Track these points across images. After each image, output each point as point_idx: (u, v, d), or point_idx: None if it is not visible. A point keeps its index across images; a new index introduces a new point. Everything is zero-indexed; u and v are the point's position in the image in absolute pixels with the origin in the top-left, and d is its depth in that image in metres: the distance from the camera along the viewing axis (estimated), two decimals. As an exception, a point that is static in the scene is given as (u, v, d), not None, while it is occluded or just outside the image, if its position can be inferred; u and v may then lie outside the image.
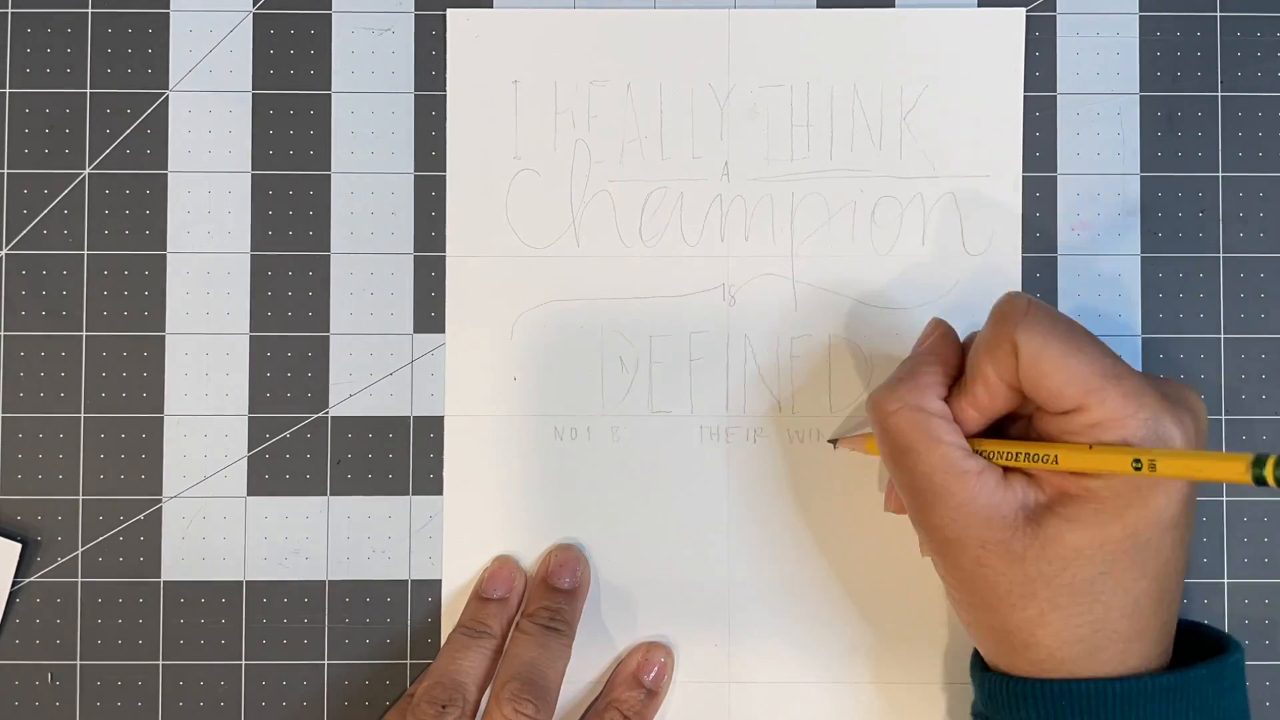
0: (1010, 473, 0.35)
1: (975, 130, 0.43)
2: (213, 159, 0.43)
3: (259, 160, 0.43)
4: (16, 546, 0.41)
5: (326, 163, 0.43)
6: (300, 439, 0.42)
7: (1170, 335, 0.43)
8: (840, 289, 0.42)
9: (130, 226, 0.43)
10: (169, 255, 0.43)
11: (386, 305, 0.43)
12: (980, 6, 0.43)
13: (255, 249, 0.43)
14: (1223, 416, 0.42)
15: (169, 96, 0.43)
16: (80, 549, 0.42)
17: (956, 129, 0.43)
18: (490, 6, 0.43)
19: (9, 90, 0.43)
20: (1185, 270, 0.43)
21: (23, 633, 0.42)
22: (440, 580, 0.42)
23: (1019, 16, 0.43)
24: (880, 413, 0.36)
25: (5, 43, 0.43)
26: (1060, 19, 0.43)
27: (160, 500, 0.42)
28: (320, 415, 0.42)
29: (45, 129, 0.43)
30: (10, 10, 0.43)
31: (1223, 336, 0.42)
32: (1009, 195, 0.43)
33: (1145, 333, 0.43)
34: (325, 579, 0.42)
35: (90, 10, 0.43)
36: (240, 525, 0.42)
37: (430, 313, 0.43)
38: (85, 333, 0.42)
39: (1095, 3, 0.43)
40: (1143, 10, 0.43)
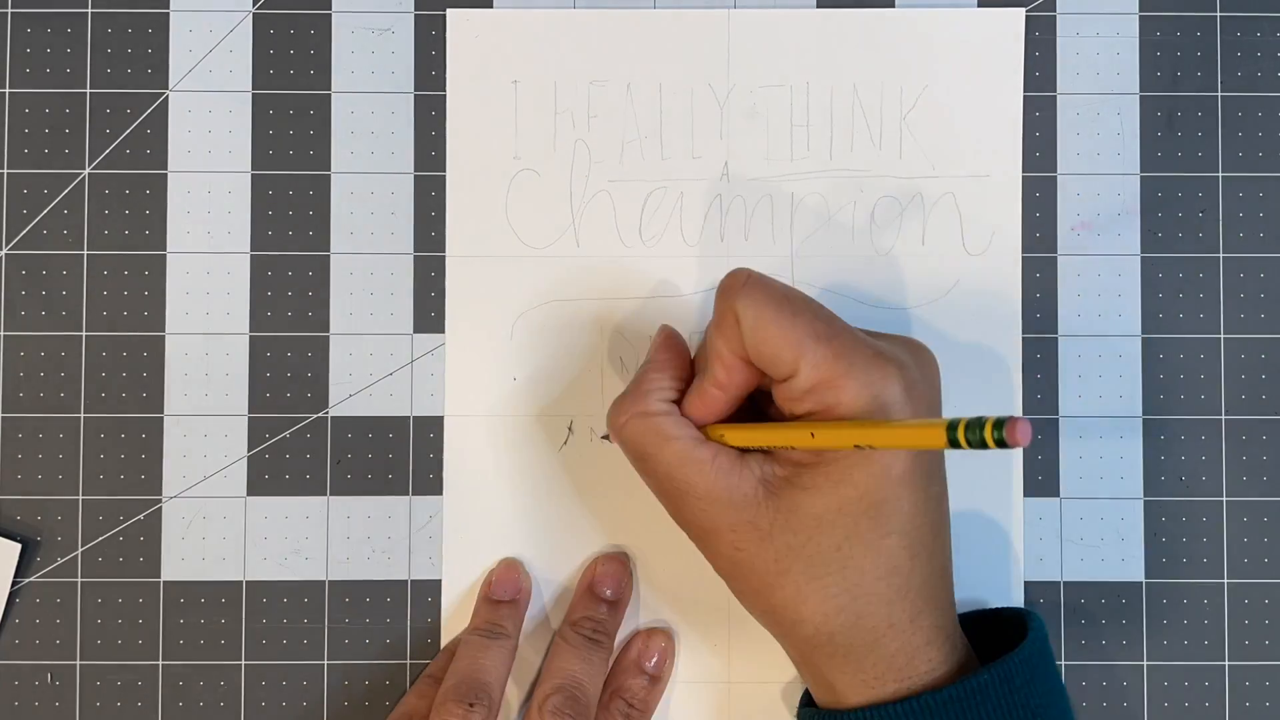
0: (748, 452, 0.36)
1: (975, 130, 0.43)
2: (213, 159, 0.43)
3: (259, 160, 0.43)
4: (16, 546, 0.41)
5: (326, 163, 0.43)
6: (300, 439, 0.42)
7: (1170, 335, 0.42)
8: (840, 289, 0.42)
9: (130, 226, 0.43)
10: (169, 255, 0.43)
11: (386, 305, 0.43)
12: (980, 6, 0.43)
13: (255, 249, 0.43)
14: (1223, 416, 0.42)
15: (169, 96, 0.43)
16: (80, 549, 0.42)
17: (956, 129, 0.43)
18: (490, 6, 0.43)
19: (9, 90, 0.43)
20: (1185, 270, 0.43)
21: (23, 633, 0.42)
22: (440, 580, 0.42)
23: (1019, 16, 0.43)
24: (614, 427, 0.37)
25: (5, 43, 0.43)
26: (1060, 19, 0.43)
27: (160, 500, 0.42)
28: (320, 415, 0.42)
29: (45, 129, 0.43)
30: (10, 10, 0.43)
31: (1223, 336, 0.42)
32: (1009, 195, 0.43)
33: (1145, 333, 0.43)
34: (325, 579, 0.42)
35: (90, 10, 0.43)
36: (240, 525, 0.42)
37: (430, 313, 0.43)
38: (85, 333, 0.42)
39: (1095, 3, 0.43)
40: (1143, 10, 0.43)
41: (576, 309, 0.42)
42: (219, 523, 0.42)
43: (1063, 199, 0.43)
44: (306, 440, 0.42)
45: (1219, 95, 0.43)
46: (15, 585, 0.42)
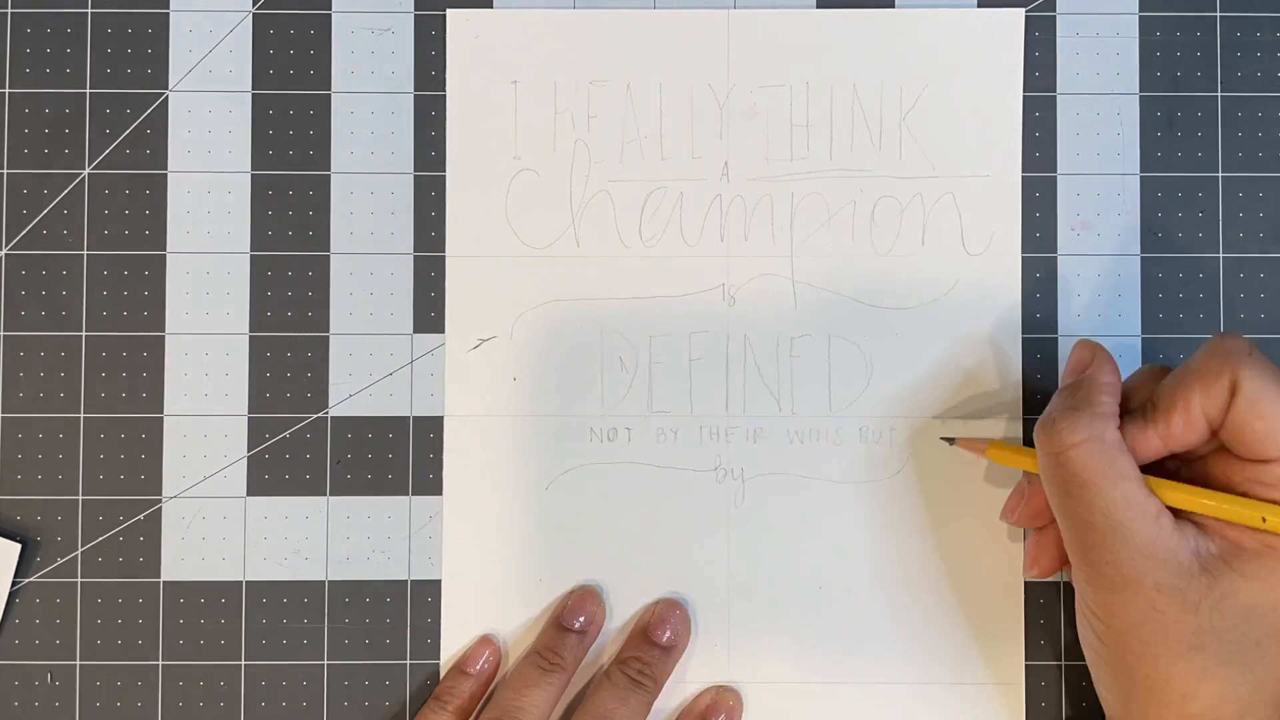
0: (1177, 517, 0.35)
1: (975, 130, 0.43)
2: (213, 159, 0.43)
3: (259, 160, 0.43)
4: (16, 546, 0.41)
5: (326, 163, 0.43)
6: (300, 439, 0.42)
7: (1170, 335, 0.42)
8: (840, 289, 0.42)
9: (130, 226, 0.43)
10: (169, 255, 0.43)
11: (386, 305, 0.43)
12: (980, 6, 0.43)
13: (255, 249, 0.43)
14: (1223, 416, 0.42)
15: (169, 96, 0.43)
16: (80, 549, 0.42)
17: (956, 129, 0.43)
18: (490, 6, 0.43)
19: (9, 90, 0.43)
20: (1185, 270, 0.43)
21: (23, 633, 0.42)
22: (440, 580, 0.42)
23: (1019, 17, 0.43)
24: (1060, 443, 0.35)
25: (5, 43, 0.43)
26: (1060, 19, 0.43)
27: (160, 500, 0.42)
28: (320, 415, 0.42)
29: (45, 129, 0.43)
30: (10, 10, 0.43)
31: (1223, 336, 0.42)
32: (1009, 195, 0.43)
33: (1145, 333, 0.43)
34: (325, 579, 0.42)
35: (90, 10, 0.43)
36: (240, 525, 0.42)
37: (430, 313, 0.43)
38: (85, 333, 0.42)
39: (1095, 3, 0.43)
40: (1143, 10, 0.43)
41: (576, 309, 0.42)
42: (219, 523, 0.42)
43: (1063, 199, 0.43)
44: (306, 440, 0.42)
45: (1219, 95, 0.43)
46: (15, 585, 0.42)
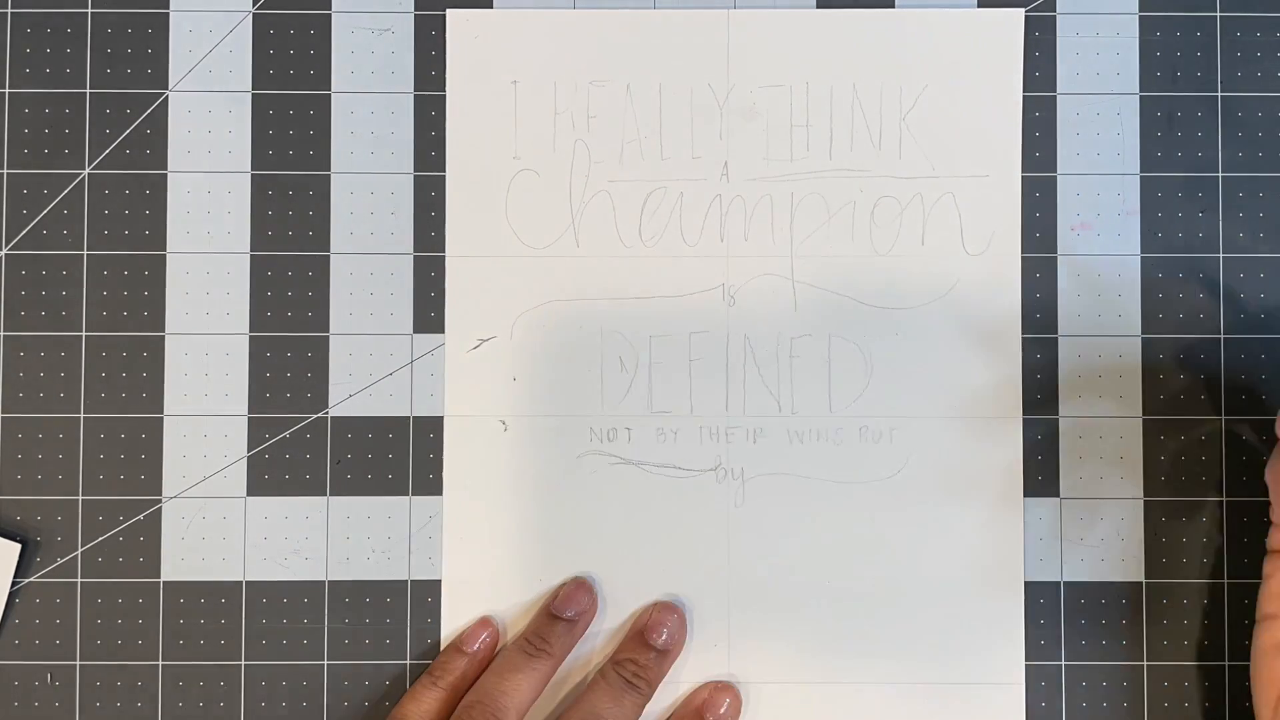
0: None
1: (975, 130, 0.43)
2: (213, 159, 0.43)
3: (259, 160, 0.43)
4: (16, 547, 0.41)
5: (326, 163, 0.43)
6: (300, 439, 0.42)
7: (1170, 335, 0.42)
8: (840, 289, 0.42)
9: (130, 226, 0.43)
10: (169, 255, 0.43)
11: (386, 305, 0.43)
12: (980, 7, 0.43)
13: (255, 249, 0.43)
14: (1223, 416, 0.42)
15: (169, 96, 0.43)
16: (80, 549, 0.42)
17: (956, 129, 0.43)
18: (490, 6, 0.43)
19: (9, 90, 0.43)
20: (1185, 270, 0.43)
21: (23, 633, 0.42)
22: (440, 581, 0.42)
23: (1019, 17, 0.43)
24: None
25: (5, 43, 0.43)
26: (1060, 19, 0.43)
27: (160, 500, 0.42)
28: (320, 415, 0.42)
29: (45, 129, 0.43)
30: (10, 10, 0.43)
31: (1223, 336, 0.42)
32: (1009, 195, 0.43)
33: (1145, 333, 0.43)
34: (325, 579, 0.42)
35: (90, 10, 0.43)
36: (240, 525, 0.42)
37: (430, 313, 0.43)
38: (85, 333, 0.42)
39: (1095, 3, 0.43)
40: (1143, 10, 0.43)
41: (576, 309, 0.42)
42: (219, 523, 0.42)
43: (1063, 199, 0.43)
44: (306, 440, 0.42)
45: (1219, 95, 0.43)
46: (15, 585, 0.42)
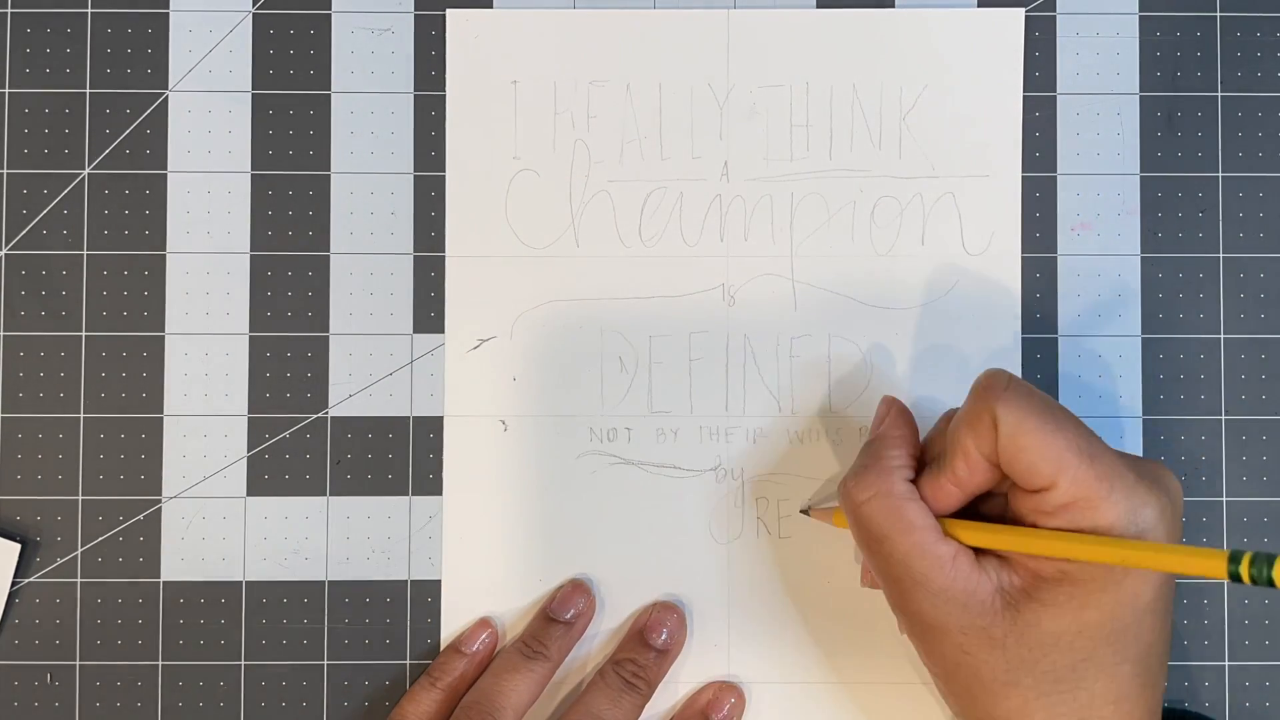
0: (982, 555, 0.35)
1: (975, 130, 0.43)
2: (212, 159, 0.43)
3: (259, 160, 0.43)
4: (16, 547, 0.41)
5: (326, 163, 0.43)
6: (300, 439, 0.42)
7: (1170, 335, 0.42)
8: (840, 289, 0.42)
9: (130, 226, 0.43)
10: (169, 255, 0.43)
11: (386, 305, 0.43)
12: (980, 6, 0.43)
13: (255, 249, 0.43)
14: (1223, 417, 0.42)
15: (169, 96, 0.43)
16: (80, 549, 0.42)
17: (956, 129, 0.43)
18: (490, 6, 0.43)
19: (9, 90, 0.43)
20: (1185, 270, 0.43)
21: (22, 633, 0.42)
22: (440, 580, 0.42)
23: (1018, 17, 0.43)
24: (852, 502, 0.36)
25: (5, 43, 0.43)
26: (1060, 19, 0.43)
27: (160, 500, 0.42)
28: (320, 415, 0.42)
29: (45, 129, 0.43)
30: (10, 10, 0.43)
31: (1223, 336, 0.42)
32: (1009, 195, 0.43)
33: (1145, 333, 0.43)
34: (325, 579, 0.42)
35: (90, 10, 0.43)
36: (240, 525, 0.42)
37: (430, 313, 0.43)
38: (85, 333, 0.42)
39: (1095, 3, 0.43)
40: (1143, 10, 0.43)
41: (576, 309, 0.42)
42: (219, 523, 0.42)
43: (1063, 199, 0.43)
44: (306, 440, 0.42)
45: (1219, 95, 0.43)
46: (15, 585, 0.42)
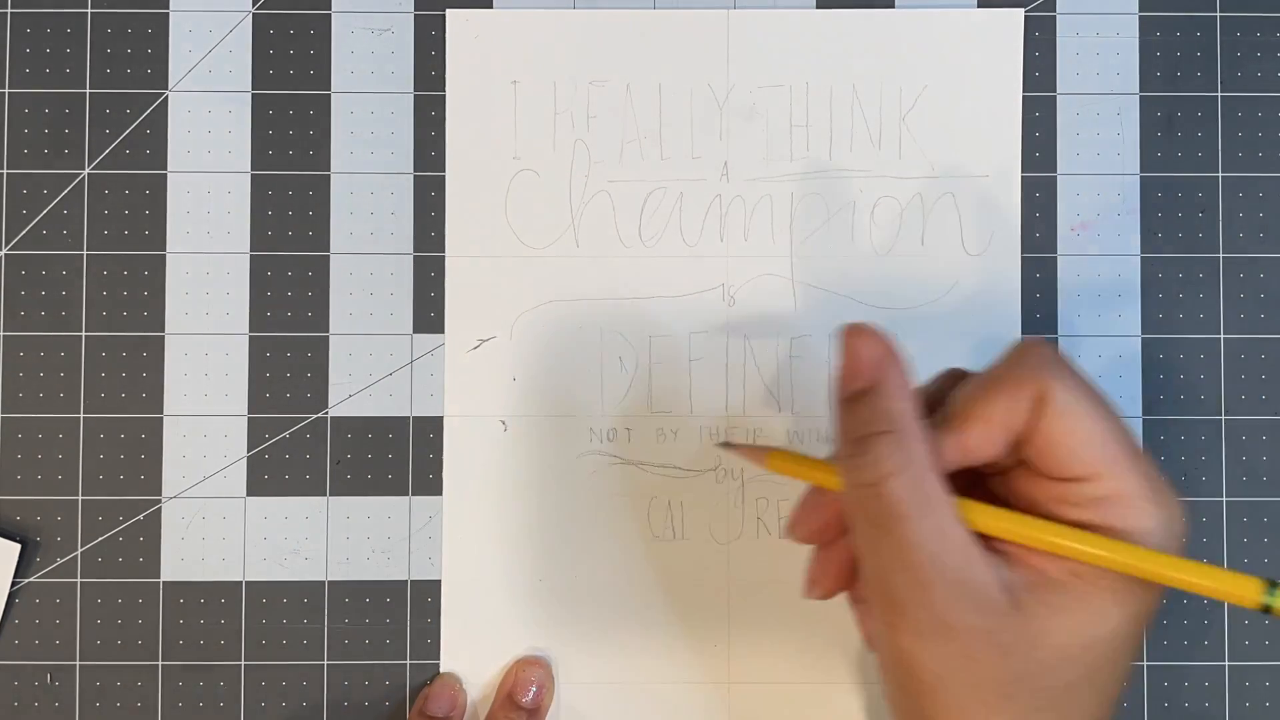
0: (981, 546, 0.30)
1: (975, 131, 0.43)
2: (212, 159, 0.43)
3: (259, 160, 0.43)
4: (16, 547, 0.41)
5: (326, 163, 0.43)
6: (300, 439, 0.42)
7: (1170, 335, 0.42)
8: (840, 289, 0.42)
9: (130, 226, 0.43)
10: (169, 255, 0.43)
11: (386, 305, 0.43)
12: (980, 6, 0.43)
13: (255, 249, 0.43)
14: (1223, 417, 0.42)
15: (169, 96, 0.43)
16: (80, 549, 0.42)
17: (956, 129, 0.43)
18: (490, 6, 0.43)
19: (9, 90, 0.43)
20: (1185, 270, 0.43)
21: (22, 633, 0.42)
22: (440, 581, 0.42)
23: (1018, 17, 0.43)
24: (876, 473, 0.30)
25: (5, 43, 0.43)
26: (1060, 19, 0.43)
27: (160, 500, 0.42)
28: (320, 415, 0.42)
29: (45, 129, 0.43)
30: (10, 10, 0.43)
31: (1223, 336, 0.42)
32: (1009, 195, 0.43)
33: (1145, 333, 0.43)
34: (325, 579, 0.42)
35: (90, 10, 0.43)
36: (240, 525, 0.42)
37: (430, 313, 0.43)
38: (85, 333, 0.42)
39: (1095, 3, 0.43)
40: (1143, 10, 0.43)
41: (576, 309, 0.42)
42: (219, 523, 0.42)
43: (1063, 199, 0.43)
44: (306, 440, 0.42)
45: (1219, 95, 0.43)
46: (15, 585, 0.42)
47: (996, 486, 0.32)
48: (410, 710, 0.41)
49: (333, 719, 0.42)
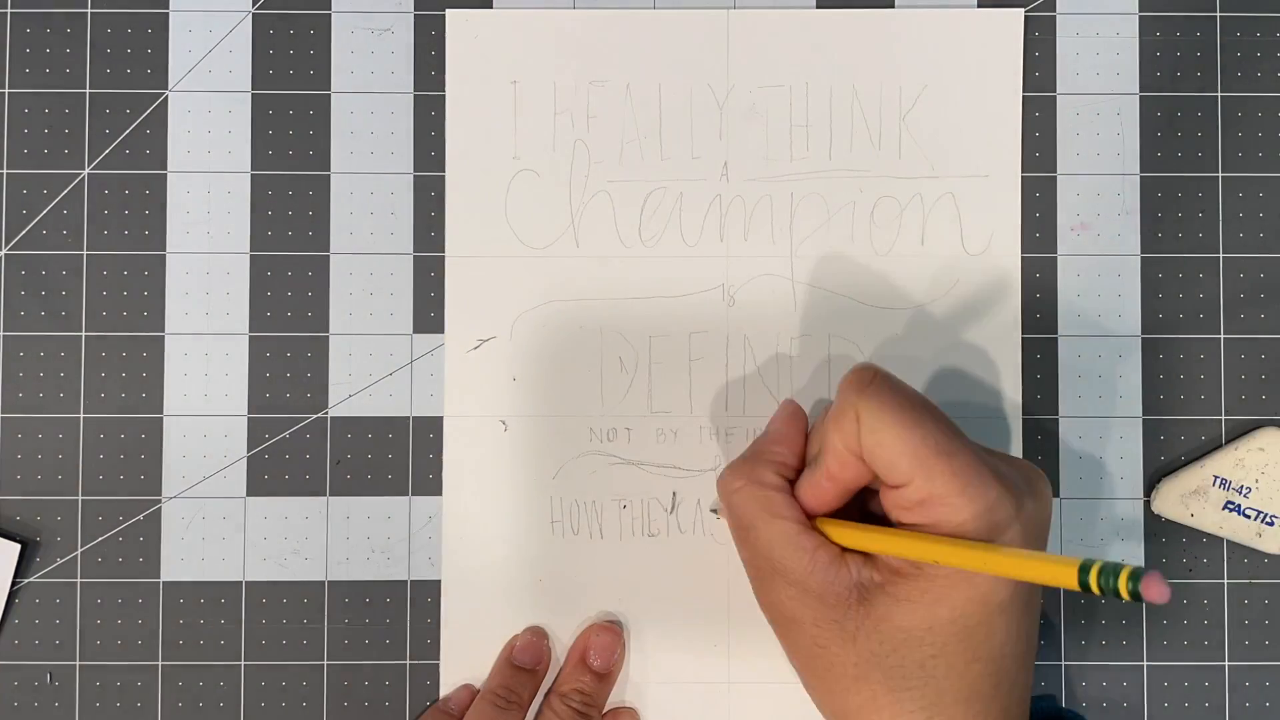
0: (847, 551, 0.35)
1: (975, 130, 0.43)
2: (212, 159, 0.43)
3: (258, 160, 0.43)
4: (16, 547, 0.41)
5: (326, 163, 0.43)
6: (300, 439, 0.42)
7: (1170, 335, 0.42)
8: (840, 289, 0.42)
9: (130, 226, 0.43)
10: (169, 255, 0.43)
11: (386, 305, 0.43)
12: (980, 6, 0.43)
13: (255, 249, 0.43)
14: (1223, 417, 0.42)
15: (169, 96, 0.43)
16: (80, 549, 0.42)
17: (956, 129, 0.43)
18: (490, 6, 0.43)
19: (9, 90, 0.43)
20: (1185, 270, 0.43)
21: (22, 633, 0.42)
22: (440, 581, 0.42)
23: (1018, 17, 0.43)
24: (725, 491, 0.37)
25: (5, 43, 0.43)
26: (1060, 19, 0.43)
27: (160, 500, 0.42)
28: (320, 415, 0.42)
29: (45, 129, 0.43)
30: (10, 10, 0.43)
31: (1223, 336, 0.42)
32: (1009, 195, 0.43)
33: (1145, 333, 0.43)
34: (325, 579, 0.42)
35: (90, 10, 0.43)
36: (240, 525, 0.42)
37: (429, 313, 0.43)
38: (85, 333, 0.42)
39: (1095, 3, 0.43)
40: (1143, 10, 0.43)
41: (576, 309, 0.42)
42: (219, 523, 0.42)
43: (1062, 199, 0.43)
44: (306, 440, 0.42)
45: (1219, 95, 0.43)
46: (15, 585, 0.42)
47: (880, 501, 0.36)
48: (497, 659, 0.41)
49: (333, 719, 0.42)
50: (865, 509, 0.38)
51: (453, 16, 0.43)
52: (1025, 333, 0.42)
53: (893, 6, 0.43)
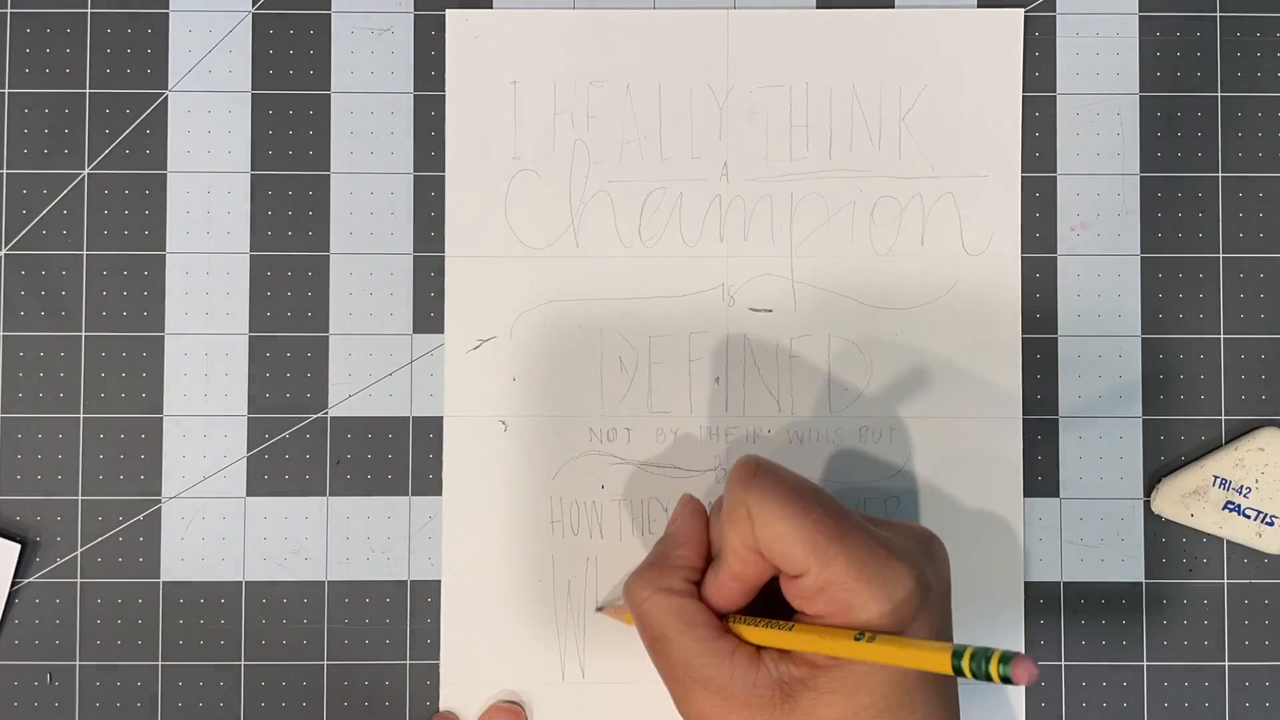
0: (763, 649, 0.35)
1: (974, 130, 0.43)
2: (212, 159, 0.43)
3: (258, 160, 0.43)
4: (16, 547, 0.41)
5: (326, 163, 0.43)
6: (300, 439, 0.42)
7: (1170, 335, 0.42)
8: (840, 289, 0.42)
9: (130, 226, 0.43)
10: (168, 255, 0.43)
11: (386, 305, 0.43)
12: (980, 6, 0.43)
13: (254, 249, 0.43)
14: (1223, 417, 0.42)
15: (168, 96, 0.43)
16: (80, 549, 0.42)
17: (956, 129, 0.43)
18: (490, 6, 0.43)
19: (9, 90, 0.43)
20: (1185, 270, 0.43)
21: (22, 633, 0.42)
22: (440, 581, 0.42)
23: (1018, 17, 0.43)
24: (633, 600, 0.36)
25: (5, 43, 0.43)
26: (1060, 19, 0.43)
27: (160, 500, 0.42)
28: (320, 415, 0.42)
29: (45, 129, 0.43)
30: (10, 10, 0.43)
31: (1223, 336, 0.42)
32: (1008, 195, 0.43)
33: (1145, 333, 0.42)
34: (325, 579, 0.42)
35: (90, 10, 0.43)
36: (240, 525, 0.42)
37: (429, 313, 0.43)
38: (85, 333, 0.42)
39: (1095, 3, 0.43)
40: (1143, 10, 0.43)
41: (576, 309, 0.42)
42: (219, 523, 0.42)
43: (1062, 199, 0.43)
44: (306, 440, 0.42)
45: (1219, 95, 0.43)
46: (15, 585, 0.42)
47: (784, 593, 0.35)
48: None
49: (333, 719, 0.42)
50: (781, 599, 0.36)
51: (453, 16, 0.43)
52: (1025, 333, 0.42)
53: (893, 6, 0.43)
